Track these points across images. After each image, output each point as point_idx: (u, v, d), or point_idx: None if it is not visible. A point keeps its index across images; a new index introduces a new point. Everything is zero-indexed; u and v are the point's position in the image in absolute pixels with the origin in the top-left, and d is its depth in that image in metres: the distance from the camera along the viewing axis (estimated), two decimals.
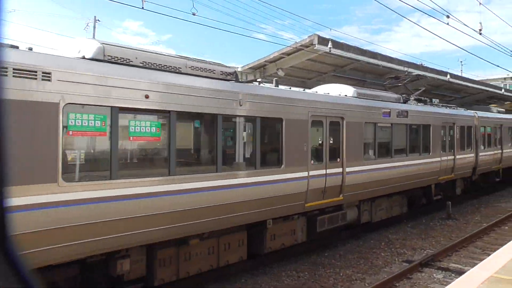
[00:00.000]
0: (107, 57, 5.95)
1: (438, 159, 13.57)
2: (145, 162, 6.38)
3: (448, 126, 14.49)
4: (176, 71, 6.72)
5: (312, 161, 8.77)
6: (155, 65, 6.47)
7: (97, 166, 5.72)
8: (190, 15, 11.58)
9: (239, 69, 15.21)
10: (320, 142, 9.25)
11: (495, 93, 26.48)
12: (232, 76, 7.71)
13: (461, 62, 52.68)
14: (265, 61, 14.78)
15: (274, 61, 14.79)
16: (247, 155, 7.70)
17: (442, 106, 15.58)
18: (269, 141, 8.16)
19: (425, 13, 22.21)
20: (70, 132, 5.26)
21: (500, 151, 18.74)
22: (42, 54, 5.24)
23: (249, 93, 7.50)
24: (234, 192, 7.13)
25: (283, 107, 8.11)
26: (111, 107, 5.56)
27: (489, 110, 20.17)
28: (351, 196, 9.83)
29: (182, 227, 6.40)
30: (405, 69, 16.95)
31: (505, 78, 51.40)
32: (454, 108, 16.15)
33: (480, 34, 15.58)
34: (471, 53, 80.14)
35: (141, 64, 6.28)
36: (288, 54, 14.18)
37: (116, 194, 5.58)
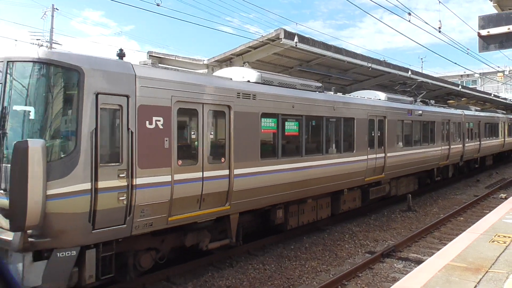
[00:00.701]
0: (263, 81, 9.20)
1: (440, 148, 17.45)
2: (290, 148, 9.46)
3: (445, 122, 18.19)
4: (293, 87, 9.89)
5: (369, 148, 12.16)
6: (286, 84, 9.73)
7: (272, 151, 8.92)
8: (154, 5, 11.41)
9: (205, 62, 15.12)
10: (372, 134, 12.55)
11: (452, 89, 27.66)
12: (320, 88, 10.93)
13: (421, 59, 54.68)
14: (231, 54, 14.74)
15: (240, 54, 14.78)
16: (336, 144, 10.93)
17: (440, 106, 19.86)
18: (347, 134, 11.29)
19: (388, 10, 23.13)
20: (262, 130, 8.64)
21: (479, 143, 22.62)
22: (252, 84, 8.79)
23: (336, 101, 10.88)
24: (330, 168, 10.47)
25: (355, 110, 11.63)
26: (279, 114, 9.07)
27: (468, 109, 23.39)
28: (390, 174, 13.40)
29: (304, 191, 9.73)
30: (369, 65, 17.42)
31: (461, 75, 53.82)
32: (447, 108, 20.38)
33: (439, 32, 16.19)
34: (430, 50, 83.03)
35: (278, 85, 9.48)
36: (255, 47, 14.22)
37: (280, 168, 8.97)
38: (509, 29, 6.46)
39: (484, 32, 6.60)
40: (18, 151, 5.14)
